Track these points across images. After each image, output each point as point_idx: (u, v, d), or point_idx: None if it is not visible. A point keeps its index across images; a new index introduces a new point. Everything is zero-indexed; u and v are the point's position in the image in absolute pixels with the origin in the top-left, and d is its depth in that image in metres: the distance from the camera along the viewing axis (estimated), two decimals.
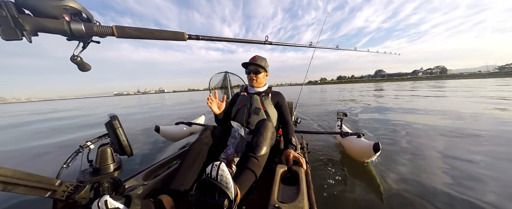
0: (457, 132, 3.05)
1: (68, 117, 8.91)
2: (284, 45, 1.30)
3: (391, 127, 3.60)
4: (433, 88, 17.00)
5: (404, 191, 1.57)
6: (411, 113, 4.98)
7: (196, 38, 0.84)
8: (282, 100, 1.59)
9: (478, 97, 7.76)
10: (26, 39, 0.48)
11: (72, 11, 0.55)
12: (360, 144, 1.85)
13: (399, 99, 8.50)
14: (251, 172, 0.95)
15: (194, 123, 2.82)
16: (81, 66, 0.63)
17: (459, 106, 5.63)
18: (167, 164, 1.43)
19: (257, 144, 1.05)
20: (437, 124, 3.64)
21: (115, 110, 12.17)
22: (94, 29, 0.59)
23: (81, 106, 19.47)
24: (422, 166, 2.01)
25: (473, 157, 2.13)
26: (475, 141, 2.64)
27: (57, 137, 4.51)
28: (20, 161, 2.78)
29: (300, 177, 0.99)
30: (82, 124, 6.35)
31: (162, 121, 6.07)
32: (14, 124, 7.47)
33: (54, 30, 0.53)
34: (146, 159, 2.48)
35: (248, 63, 1.54)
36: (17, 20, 0.46)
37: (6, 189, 0.51)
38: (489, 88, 12.73)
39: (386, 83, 47.93)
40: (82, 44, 0.62)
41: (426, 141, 2.74)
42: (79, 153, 0.72)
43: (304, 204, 0.79)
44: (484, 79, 35.16)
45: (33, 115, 11.34)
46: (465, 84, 20.20)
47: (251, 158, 1.00)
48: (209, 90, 3.70)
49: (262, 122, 1.19)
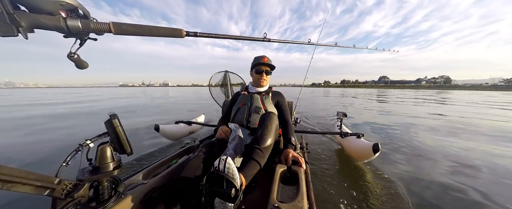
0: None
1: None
2: (283, 42, 1.29)
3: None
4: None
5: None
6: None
7: (194, 35, 0.84)
8: (282, 100, 1.59)
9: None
10: (22, 36, 0.48)
11: (68, 7, 0.54)
12: (360, 144, 1.84)
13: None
14: (255, 162, 0.99)
15: (194, 122, 2.81)
16: (78, 63, 0.62)
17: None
18: (167, 163, 1.42)
19: (261, 135, 1.08)
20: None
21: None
22: (91, 26, 0.59)
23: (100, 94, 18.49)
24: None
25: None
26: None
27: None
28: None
29: (300, 177, 0.99)
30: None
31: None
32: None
33: (50, 27, 0.52)
34: (145, 158, 2.48)
35: (261, 63, 1.53)
36: (13, 16, 0.45)
37: (4, 188, 0.50)
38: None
39: (387, 90, 48.05)
40: (79, 41, 0.61)
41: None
42: (78, 152, 0.72)
43: (304, 204, 0.79)
44: (485, 92, 35.07)
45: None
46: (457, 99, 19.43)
47: (255, 149, 1.04)
48: (209, 88, 3.69)
49: (267, 114, 1.20)
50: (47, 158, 2.43)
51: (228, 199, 0.76)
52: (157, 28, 0.72)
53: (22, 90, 56.97)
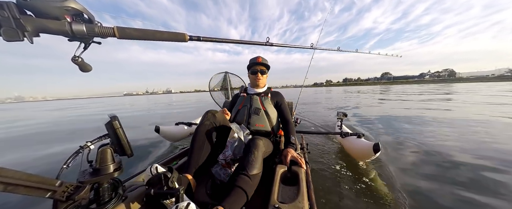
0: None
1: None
2: (285, 46, 1.30)
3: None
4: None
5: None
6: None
7: (197, 39, 0.84)
8: (282, 100, 1.60)
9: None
10: (28, 40, 0.48)
11: (74, 12, 0.55)
12: (360, 144, 1.85)
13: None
14: (242, 192, 0.86)
15: (194, 123, 2.82)
16: (82, 66, 0.63)
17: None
18: (167, 164, 1.42)
19: (249, 162, 0.98)
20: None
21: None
22: (95, 30, 0.59)
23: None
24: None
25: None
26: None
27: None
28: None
29: (300, 177, 0.99)
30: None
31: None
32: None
33: (56, 31, 0.53)
34: (146, 160, 2.49)
35: (255, 63, 1.54)
36: (19, 21, 0.46)
37: (6, 190, 0.50)
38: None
39: (390, 86, 48.32)
40: (83, 45, 0.62)
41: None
42: (79, 154, 0.72)
43: (304, 204, 0.79)
44: (491, 83, 35.55)
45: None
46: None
47: (243, 175, 0.92)
48: (210, 91, 3.69)
49: (253, 142, 1.09)
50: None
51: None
52: (161, 32, 0.72)
53: (39, 104, 57.26)
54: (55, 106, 22.61)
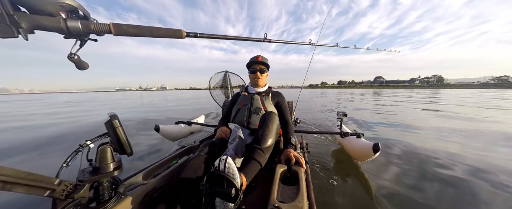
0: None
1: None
2: (283, 42, 1.29)
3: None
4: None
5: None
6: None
7: (194, 35, 0.84)
8: (282, 100, 1.59)
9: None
10: (22, 37, 0.48)
11: (69, 8, 0.54)
12: (360, 144, 1.84)
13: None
14: (256, 162, 0.99)
15: (194, 122, 2.81)
16: (78, 64, 0.63)
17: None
18: (167, 163, 1.42)
19: (262, 135, 1.07)
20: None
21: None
22: (91, 26, 0.59)
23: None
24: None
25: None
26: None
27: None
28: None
29: (300, 177, 0.99)
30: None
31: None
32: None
33: (51, 28, 0.52)
34: (145, 158, 2.48)
35: (254, 62, 1.54)
36: (13, 17, 0.45)
37: (5, 188, 0.50)
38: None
39: (382, 90, 48.61)
40: (79, 42, 0.61)
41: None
42: (78, 152, 0.72)
43: (304, 204, 0.79)
44: (473, 90, 36.22)
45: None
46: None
47: (256, 149, 1.03)
48: (210, 90, 3.68)
49: (268, 114, 1.19)
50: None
51: (228, 199, 0.76)
52: (157, 29, 0.72)
53: (29, 96, 56.77)
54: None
